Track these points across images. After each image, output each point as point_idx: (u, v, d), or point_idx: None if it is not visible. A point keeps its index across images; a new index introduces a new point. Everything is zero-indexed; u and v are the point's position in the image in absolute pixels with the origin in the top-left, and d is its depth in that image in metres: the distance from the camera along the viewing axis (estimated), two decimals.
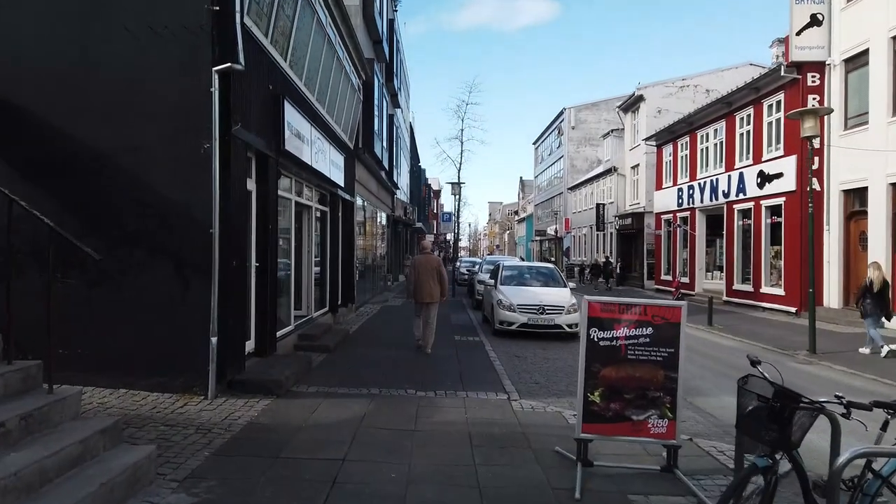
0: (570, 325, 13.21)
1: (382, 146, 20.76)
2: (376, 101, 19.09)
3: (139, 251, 7.01)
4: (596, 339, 5.02)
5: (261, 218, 8.62)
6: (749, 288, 20.97)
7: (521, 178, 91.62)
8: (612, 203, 38.25)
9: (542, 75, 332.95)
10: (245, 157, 7.73)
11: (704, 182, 24.55)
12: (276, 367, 8.05)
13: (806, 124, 12.09)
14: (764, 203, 20.07)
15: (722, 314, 18.30)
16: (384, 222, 27.03)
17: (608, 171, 38.96)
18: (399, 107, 29.76)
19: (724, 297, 22.45)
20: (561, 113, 56.19)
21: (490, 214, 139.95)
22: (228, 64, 6.84)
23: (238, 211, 7.46)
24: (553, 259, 54.67)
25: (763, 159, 20.12)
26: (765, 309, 19.77)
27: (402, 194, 35.80)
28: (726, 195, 22.63)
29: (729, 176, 22.43)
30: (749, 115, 21.21)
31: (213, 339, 6.88)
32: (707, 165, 24.68)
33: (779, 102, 19.37)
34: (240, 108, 7.39)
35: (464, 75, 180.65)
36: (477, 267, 25.25)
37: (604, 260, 35.48)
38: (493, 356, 10.86)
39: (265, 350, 8.60)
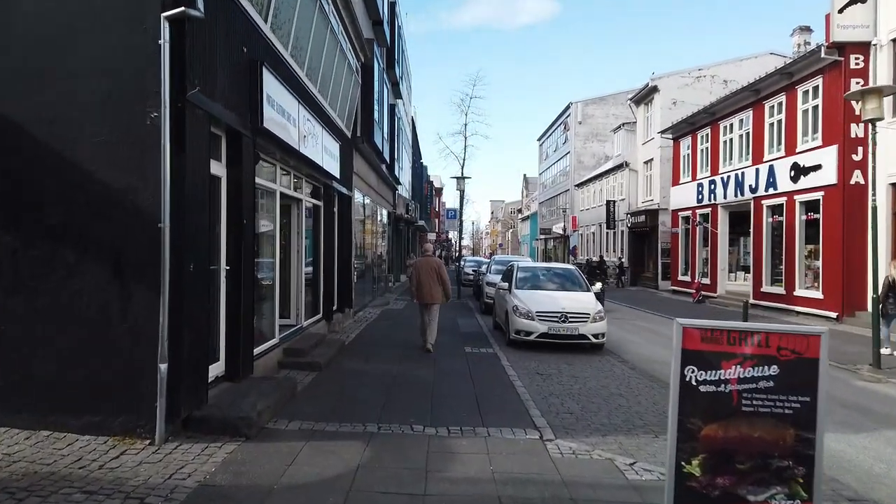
0: (595, 336, 11.61)
1: (383, 137, 19.17)
2: (376, 88, 17.49)
3: (65, 250, 5.42)
4: (694, 383, 3.43)
5: (233, 210, 7.03)
6: (780, 290, 19.35)
7: (524, 175, 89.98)
8: (623, 200, 36.62)
9: (545, 73, 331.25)
10: (208, 133, 6.13)
11: (728, 176, 22.93)
12: (251, 395, 6.45)
13: (868, 105, 10.53)
14: (798, 198, 18.45)
15: (752, 319, 16.69)
16: (385, 220, 25.44)
17: (619, 167, 37.33)
18: (400, 97, 28.16)
19: (751, 300, 20.79)
20: (567, 108, 54.56)
21: (492, 213, 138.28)
22: (182, 8, 5.23)
23: (198, 200, 5.86)
24: (551, 258, 53.06)
25: (797, 150, 18.50)
26: (798, 313, 18.16)
27: (404, 191, 34.21)
28: (753, 190, 21.01)
29: (757, 169, 20.80)
30: (780, 104, 19.58)
31: (163, 366, 5.29)
32: (731, 158, 23.05)
33: (816, 88, 17.74)
34: (200, 69, 5.79)
35: (465, 73, 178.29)
36: (484, 267, 23.64)
37: (597, 260, 33.64)
38: (512, 373, 9.27)
39: (238, 372, 7.01)
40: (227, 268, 6.97)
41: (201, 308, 5.93)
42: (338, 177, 12.83)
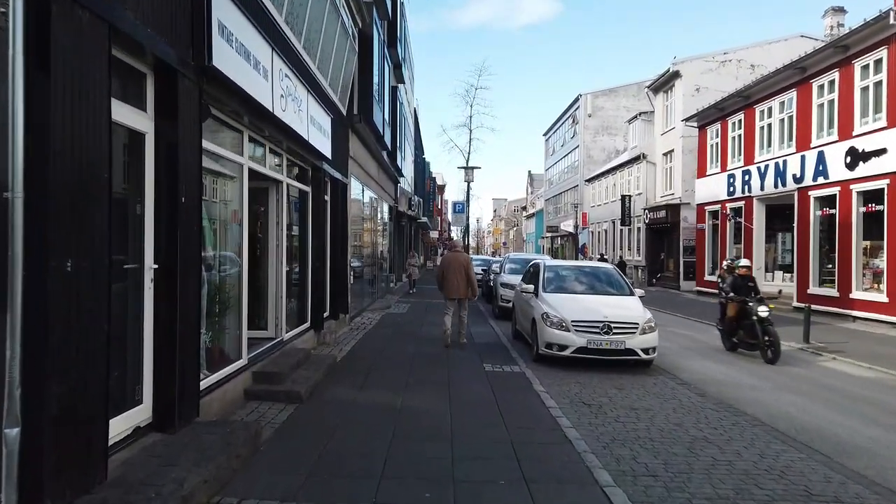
0: (646, 351, 9.41)
1: (384, 120, 16.98)
2: (377, 62, 15.30)
3: None
4: None
5: (165, 183, 4.84)
6: (832, 292, 17.13)
7: (529, 171, 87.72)
8: (639, 194, 34.38)
9: (549, 71, 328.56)
10: (108, 58, 3.91)
11: (766, 165, 20.70)
12: (181, 460, 4.28)
13: None
14: (855, 188, 16.22)
15: (796, 325, 14.53)
16: (386, 214, 23.27)
17: (635, 160, 35.09)
18: (402, 82, 25.97)
19: (795, 303, 18.62)
20: (576, 100, 52.30)
21: (495, 210, 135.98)
22: None
23: (88, 160, 3.68)
24: (558, 258, 50.83)
25: (854, 134, 16.28)
26: (856, 318, 15.95)
27: (407, 185, 32.02)
28: (798, 180, 18.78)
29: (802, 157, 18.58)
30: (832, 81, 17.35)
31: (11, 432, 3.14)
32: (769, 146, 20.82)
33: (878, 62, 15.51)
34: None
35: (471, 64, 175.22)
36: (495, 266, 21.43)
37: (598, 257, 31.40)
38: (552, 404, 7.09)
39: (173, 419, 4.82)
40: (155, 266, 4.78)
41: (92, 329, 3.73)
42: (329, 158, 10.65)
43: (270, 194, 8.71)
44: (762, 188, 20.95)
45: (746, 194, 22.00)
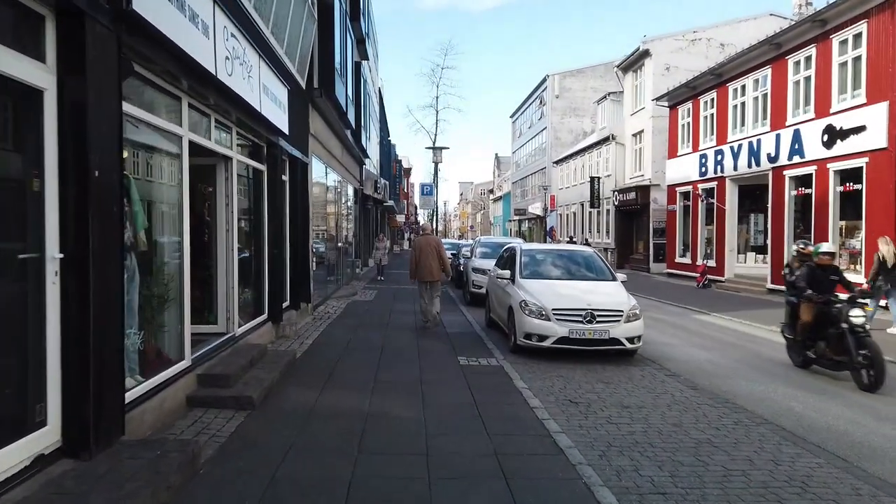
0: (631, 340, 8.78)
1: (347, 96, 15.99)
2: (338, 34, 14.26)
3: None
4: None
5: (72, 153, 3.92)
6: None
7: (496, 154, 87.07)
8: (608, 176, 33.94)
9: (513, 53, 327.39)
10: None
11: (739, 145, 20.31)
12: (94, 497, 3.42)
13: None
14: (832, 166, 15.88)
15: (775, 308, 14.12)
16: (351, 197, 22.29)
17: (604, 141, 34.61)
18: (367, 58, 24.88)
19: (769, 285, 18.36)
20: (543, 81, 51.66)
21: (461, 194, 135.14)
22: None
23: None
24: (526, 241, 50.43)
25: (832, 111, 15.89)
26: None
27: (373, 167, 30.99)
28: (773, 159, 18.42)
29: (777, 135, 18.20)
30: (809, 57, 16.93)
31: None
32: (743, 125, 20.42)
33: (857, 36, 15.10)
34: None
35: (433, 52, 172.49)
36: (465, 250, 20.70)
37: (566, 240, 30.99)
38: (536, 404, 6.38)
39: (88, 442, 3.95)
40: (60, 256, 3.87)
41: None
42: (286, 133, 9.71)
43: (219, 172, 7.77)
44: (735, 168, 20.58)
45: (719, 174, 21.62)
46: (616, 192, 32.33)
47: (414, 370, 7.92)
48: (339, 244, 18.44)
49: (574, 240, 37.08)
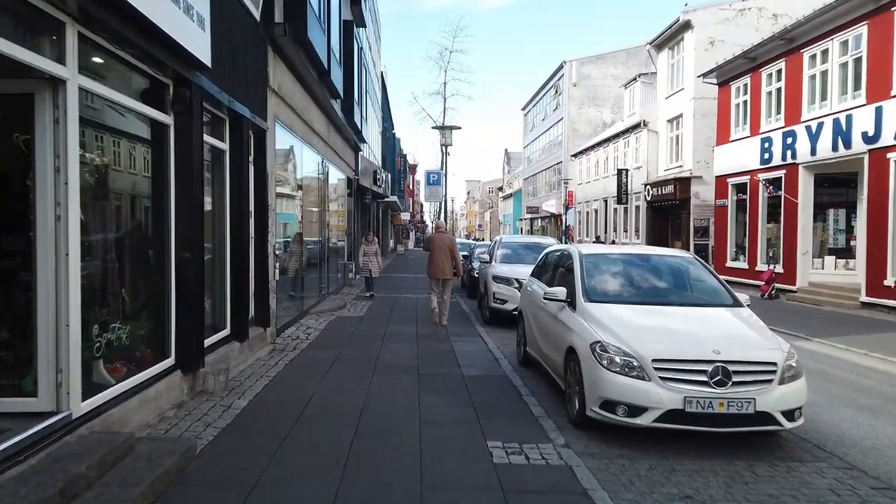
0: (790, 415, 5.01)
1: (331, 53, 12.29)
2: None
3: None
4: None
5: None
6: None
7: (506, 150, 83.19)
8: (638, 168, 30.09)
9: (519, 52, 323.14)
10: None
11: (819, 124, 16.48)
12: None
13: None
14: None
15: (880, 329, 10.25)
16: (344, 188, 18.58)
17: (633, 128, 30.76)
18: (363, 25, 21.19)
19: (864, 297, 14.55)
20: (559, 68, 47.84)
21: (468, 192, 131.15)
22: None
23: None
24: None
25: None
26: None
27: (372, 156, 27.28)
28: (871, 139, 14.59)
29: (877, 108, 14.38)
30: None
31: None
32: (824, 99, 16.59)
33: None
34: None
35: (441, 34, 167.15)
36: (478, 252, 16.92)
37: (593, 240, 27.19)
38: None
39: None
40: None
41: None
42: (208, 65, 5.98)
43: (39, 109, 4.08)
44: (813, 152, 16.74)
45: (789, 161, 17.77)
46: (648, 186, 28.49)
47: (410, 477, 4.22)
48: (325, 245, 14.72)
49: (601, 240, 33.32)
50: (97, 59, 4.69)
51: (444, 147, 20.96)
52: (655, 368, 4.99)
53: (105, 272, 4.99)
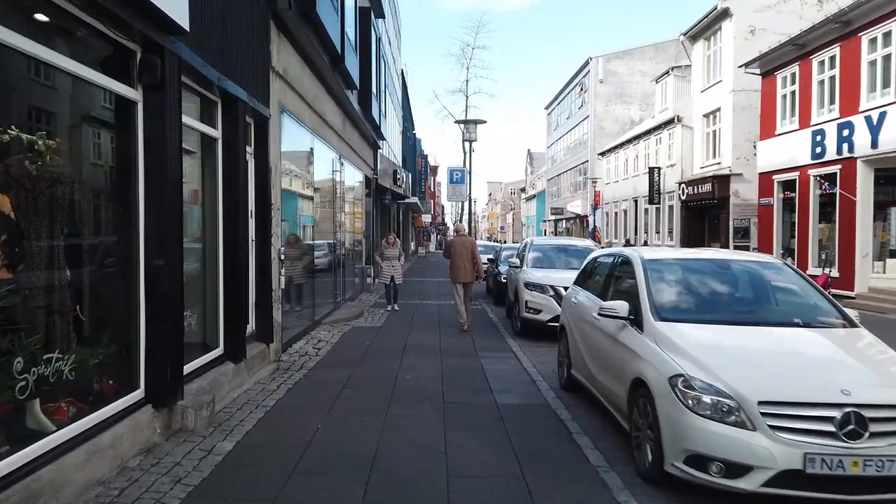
0: None
1: (345, 36, 11.17)
2: None
3: None
4: None
5: None
6: None
7: (528, 150, 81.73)
8: (672, 166, 28.61)
9: (540, 53, 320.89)
10: None
11: (881, 114, 14.99)
12: None
13: None
14: None
15: None
16: (362, 187, 17.48)
17: (666, 124, 29.26)
18: (382, 17, 20.11)
19: None
20: (585, 65, 46.35)
21: (490, 194, 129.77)
22: None
23: None
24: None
25: None
26: None
27: (392, 155, 26.20)
28: None
29: None
30: None
31: None
32: (886, 86, 15.10)
33: None
34: None
35: (463, 30, 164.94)
36: (512, 256, 15.63)
37: (623, 243, 25.75)
38: None
39: None
40: None
41: None
42: (179, 23, 4.84)
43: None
44: (874, 145, 15.24)
45: (845, 155, 16.27)
46: (683, 185, 26.99)
47: None
48: (340, 248, 13.60)
49: (631, 242, 31.88)
50: (32, 12, 3.58)
51: (468, 143, 19.72)
52: (763, 413, 3.74)
53: (49, 287, 3.88)
